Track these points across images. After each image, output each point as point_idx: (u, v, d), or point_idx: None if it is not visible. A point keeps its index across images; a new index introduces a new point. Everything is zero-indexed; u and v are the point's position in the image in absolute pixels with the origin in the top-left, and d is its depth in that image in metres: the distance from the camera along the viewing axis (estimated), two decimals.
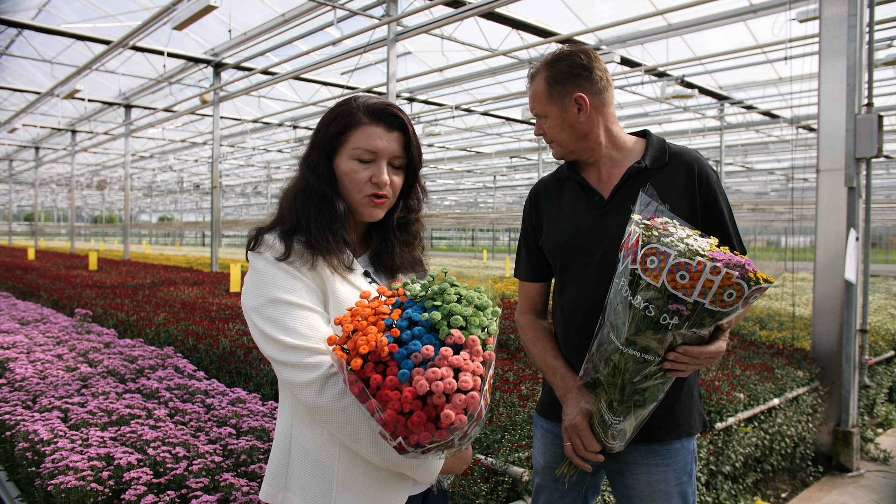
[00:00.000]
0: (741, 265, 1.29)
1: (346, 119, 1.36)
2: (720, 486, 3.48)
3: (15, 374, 3.76)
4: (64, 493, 2.27)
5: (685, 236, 1.37)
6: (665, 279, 1.32)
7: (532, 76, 1.73)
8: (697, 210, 1.65)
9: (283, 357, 1.24)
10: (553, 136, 1.71)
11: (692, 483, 1.71)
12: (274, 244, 1.31)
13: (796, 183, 18.60)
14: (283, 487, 1.33)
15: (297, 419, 1.34)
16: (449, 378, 1.06)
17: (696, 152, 1.72)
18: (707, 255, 1.32)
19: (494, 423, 3.01)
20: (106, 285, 9.39)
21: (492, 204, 39.17)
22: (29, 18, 9.98)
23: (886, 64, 8.03)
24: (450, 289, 1.19)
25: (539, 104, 1.70)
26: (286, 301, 1.27)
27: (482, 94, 14.22)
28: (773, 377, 4.09)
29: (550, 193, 1.82)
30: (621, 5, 8.97)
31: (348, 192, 1.37)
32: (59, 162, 27.25)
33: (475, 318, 1.15)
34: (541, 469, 1.85)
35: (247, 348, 4.48)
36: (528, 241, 1.86)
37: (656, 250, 1.34)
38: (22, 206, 57.84)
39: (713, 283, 1.29)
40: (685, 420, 1.70)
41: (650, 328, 1.37)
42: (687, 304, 1.32)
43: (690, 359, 1.39)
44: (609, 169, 1.73)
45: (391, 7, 7.66)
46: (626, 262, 1.41)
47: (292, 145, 20.70)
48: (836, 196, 4.32)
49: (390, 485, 1.31)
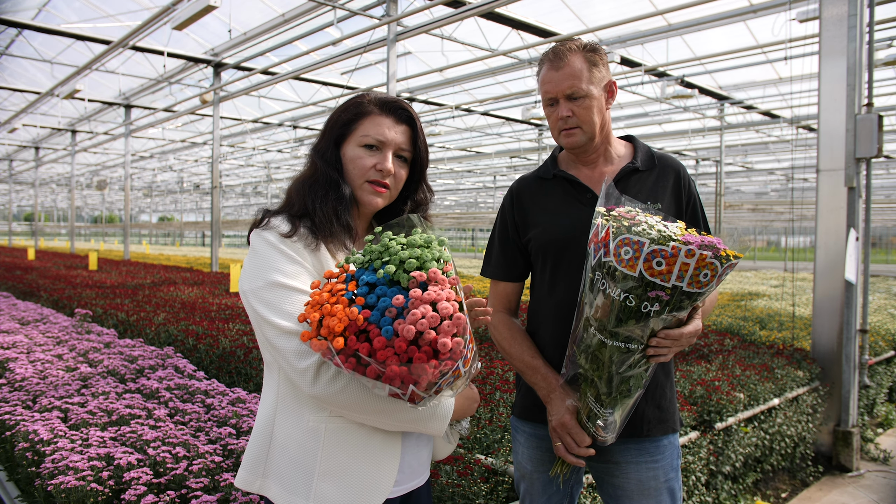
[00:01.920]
0: (713, 245, 1.33)
1: (357, 108, 1.42)
2: (720, 486, 3.48)
3: (15, 374, 3.77)
4: (64, 493, 2.27)
5: (654, 223, 1.39)
6: (642, 267, 1.34)
7: (563, 55, 1.64)
8: (683, 212, 1.74)
9: (279, 342, 1.25)
10: (584, 120, 1.65)
11: (678, 479, 1.74)
12: (280, 224, 1.34)
13: (796, 183, 18.60)
14: (262, 475, 1.33)
15: (281, 406, 1.33)
16: (429, 312, 1.09)
17: (677, 159, 1.81)
18: (680, 239, 1.34)
19: (494, 423, 3.01)
20: (106, 285, 9.39)
21: (492, 204, 39.16)
22: (29, 18, 9.98)
23: (886, 64, 8.02)
24: (390, 242, 1.21)
25: (579, 82, 1.62)
26: (285, 285, 1.28)
27: (482, 94, 14.22)
28: (773, 377, 4.09)
29: (534, 191, 1.81)
30: (621, 5, 8.97)
31: (351, 177, 1.40)
32: (59, 162, 27.25)
33: (427, 253, 1.18)
34: (528, 474, 1.82)
35: (247, 348, 4.48)
36: (506, 240, 1.84)
37: (629, 240, 1.35)
38: (22, 206, 57.83)
39: (689, 266, 1.32)
40: (671, 416, 1.74)
41: (632, 317, 1.39)
42: (666, 290, 1.35)
43: (672, 341, 1.44)
44: (602, 167, 1.75)
45: (391, 7, 7.66)
46: (597, 255, 1.43)
47: (292, 145, 20.70)
48: (836, 196, 4.32)
49: (371, 477, 1.31)
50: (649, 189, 1.71)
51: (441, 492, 2.46)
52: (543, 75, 1.68)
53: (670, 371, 1.76)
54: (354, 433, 1.30)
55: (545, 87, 1.67)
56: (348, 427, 1.30)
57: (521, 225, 1.81)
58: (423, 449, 1.44)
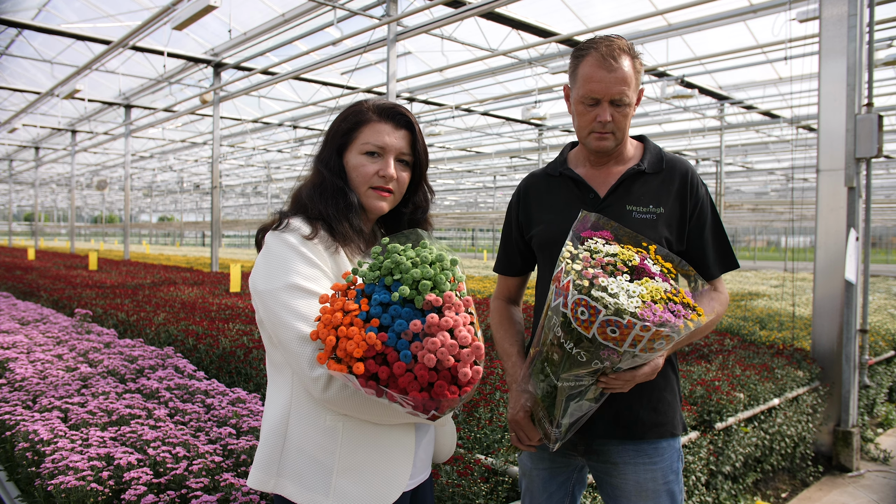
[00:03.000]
0: (670, 323, 1.30)
1: (357, 117, 1.45)
2: (720, 486, 3.48)
3: (15, 374, 3.77)
4: (64, 493, 2.27)
5: (615, 290, 1.32)
6: (596, 332, 1.32)
7: (616, 56, 1.58)
8: (687, 217, 1.69)
9: (295, 347, 1.25)
10: (620, 127, 1.63)
11: (679, 481, 1.73)
12: (300, 226, 1.36)
13: (796, 183, 18.60)
14: (276, 474, 1.34)
15: (296, 405, 1.35)
16: (448, 340, 1.10)
17: (689, 162, 1.75)
18: (637, 314, 1.29)
19: (494, 423, 3.01)
20: (106, 285, 9.39)
21: (492, 204, 39.15)
22: (29, 18, 9.98)
23: (886, 64, 8.03)
24: (400, 258, 1.20)
25: (628, 89, 1.59)
26: (304, 288, 1.29)
27: (482, 94, 14.22)
28: (773, 377, 4.09)
29: (540, 189, 1.82)
30: (621, 5, 8.97)
31: (355, 184, 1.44)
32: (59, 162, 27.25)
33: (441, 275, 1.18)
34: (528, 471, 1.84)
35: (247, 348, 4.48)
36: (510, 237, 1.88)
37: (586, 302, 1.32)
38: (22, 206, 57.82)
39: (643, 338, 1.31)
40: (669, 420, 1.72)
41: (582, 367, 1.40)
42: (618, 352, 1.34)
43: (624, 382, 1.44)
44: (610, 168, 1.74)
45: (391, 7, 7.66)
46: (558, 300, 1.40)
47: (292, 145, 20.70)
48: (836, 196, 4.32)
49: (388, 472, 1.34)
50: (653, 192, 1.69)
51: (441, 492, 2.46)
52: (590, 72, 1.59)
53: (669, 375, 1.72)
54: (371, 430, 1.33)
55: (591, 86, 1.59)
56: (365, 425, 1.33)
57: (525, 222, 1.83)
58: (430, 444, 1.49)
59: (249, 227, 37.24)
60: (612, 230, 1.52)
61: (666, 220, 1.66)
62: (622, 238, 1.53)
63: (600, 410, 1.59)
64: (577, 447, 1.74)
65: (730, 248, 1.74)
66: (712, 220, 1.72)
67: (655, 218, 1.66)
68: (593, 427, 1.64)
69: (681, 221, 1.68)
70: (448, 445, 1.57)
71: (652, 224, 1.65)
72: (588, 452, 1.73)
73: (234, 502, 2.26)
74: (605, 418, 1.64)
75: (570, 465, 1.81)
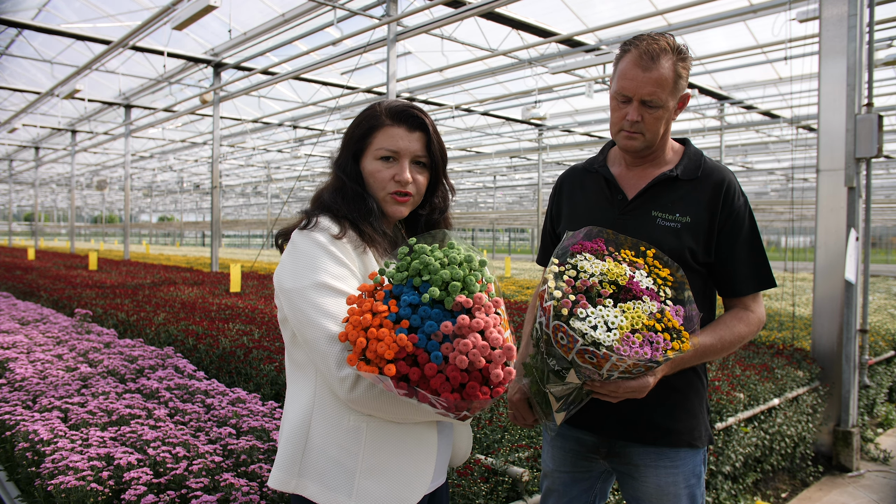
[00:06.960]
0: (645, 359, 1.29)
1: (370, 122, 1.43)
2: (720, 486, 3.48)
3: (15, 374, 3.76)
4: (64, 493, 2.27)
5: (596, 320, 1.31)
6: (575, 356, 1.33)
7: (655, 56, 1.53)
8: (716, 228, 1.62)
9: (323, 346, 1.25)
10: (650, 129, 1.59)
11: (701, 486, 1.70)
12: (330, 226, 1.35)
13: (796, 183, 18.61)
14: (297, 474, 1.33)
15: (318, 407, 1.34)
16: (479, 342, 1.10)
17: (731, 173, 1.67)
18: (614, 346, 1.29)
19: (494, 423, 3.01)
20: (106, 285, 9.39)
21: (492, 204, 39.15)
22: (29, 18, 9.98)
23: (886, 64, 8.02)
24: (428, 259, 1.19)
25: (661, 92, 1.54)
26: (333, 287, 1.28)
27: (482, 94, 14.22)
28: (773, 377, 4.09)
29: (575, 183, 1.83)
30: (621, 5, 8.97)
31: (373, 190, 1.43)
32: (59, 162, 27.24)
33: (471, 276, 1.18)
34: (550, 472, 1.83)
35: (247, 348, 4.48)
36: (545, 228, 1.91)
37: (565, 329, 1.32)
38: (22, 206, 57.81)
39: (619, 367, 1.32)
40: (688, 429, 1.67)
41: (567, 379, 1.41)
42: (600, 374, 1.35)
43: (609, 391, 1.42)
44: (644, 170, 1.70)
45: (391, 7, 7.66)
46: (540, 318, 1.40)
47: (292, 145, 20.70)
48: (836, 196, 4.32)
49: (411, 473, 1.33)
50: (681, 200, 1.64)
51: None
52: (626, 69, 1.56)
53: (694, 382, 1.68)
54: (394, 431, 1.33)
55: (623, 84, 1.57)
56: (388, 425, 1.32)
57: (557, 216, 1.85)
58: (448, 448, 1.49)
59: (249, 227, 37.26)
60: (606, 238, 1.51)
61: (692, 230, 1.61)
62: (622, 243, 1.52)
63: (619, 412, 1.59)
64: (599, 450, 1.73)
65: (766, 265, 1.65)
66: (748, 233, 1.64)
67: (680, 227, 1.61)
68: (614, 429, 1.65)
69: (709, 232, 1.62)
70: (465, 448, 1.56)
71: (675, 232, 1.61)
72: (610, 455, 1.72)
73: (234, 502, 2.26)
74: (624, 421, 1.63)
75: (592, 471, 1.78)
